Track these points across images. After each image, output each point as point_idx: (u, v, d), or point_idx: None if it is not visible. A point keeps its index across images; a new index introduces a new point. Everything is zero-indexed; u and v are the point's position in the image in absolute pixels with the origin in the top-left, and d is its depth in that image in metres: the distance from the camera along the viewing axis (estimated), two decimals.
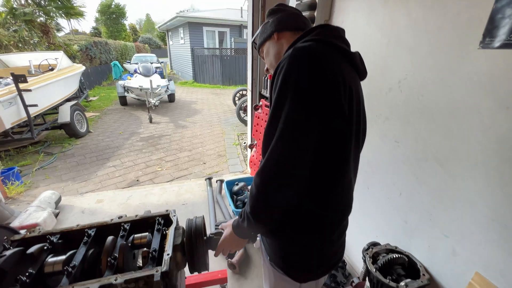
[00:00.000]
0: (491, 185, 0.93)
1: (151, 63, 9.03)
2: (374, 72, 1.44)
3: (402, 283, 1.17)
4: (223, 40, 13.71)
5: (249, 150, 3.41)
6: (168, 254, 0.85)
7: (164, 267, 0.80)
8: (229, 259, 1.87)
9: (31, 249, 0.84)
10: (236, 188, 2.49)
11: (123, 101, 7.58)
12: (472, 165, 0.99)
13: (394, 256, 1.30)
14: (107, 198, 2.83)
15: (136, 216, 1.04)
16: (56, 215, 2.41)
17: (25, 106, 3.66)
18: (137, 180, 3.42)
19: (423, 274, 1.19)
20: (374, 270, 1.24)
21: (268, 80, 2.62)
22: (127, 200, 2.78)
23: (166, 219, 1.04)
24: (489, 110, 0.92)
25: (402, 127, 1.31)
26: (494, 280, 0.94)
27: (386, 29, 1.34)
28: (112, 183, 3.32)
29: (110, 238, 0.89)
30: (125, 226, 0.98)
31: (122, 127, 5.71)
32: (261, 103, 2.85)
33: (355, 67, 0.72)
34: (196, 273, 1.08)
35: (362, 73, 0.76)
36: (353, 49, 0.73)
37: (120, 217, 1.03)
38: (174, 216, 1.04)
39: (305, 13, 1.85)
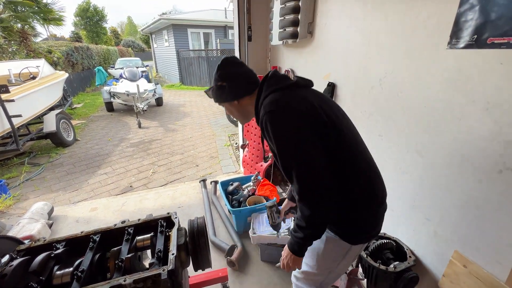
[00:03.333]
0: (464, 171, 1.03)
1: (137, 67, 8.88)
2: (358, 72, 1.54)
3: (391, 266, 1.27)
4: (209, 41, 13.66)
5: (241, 150, 3.46)
6: (173, 254, 0.90)
7: (170, 266, 0.85)
8: (228, 257, 1.92)
9: (38, 258, 0.87)
10: (231, 188, 2.54)
11: (109, 107, 7.43)
12: (448, 154, 1.09)
13: (383, 242, 1.40)
14: (101, 205, 2.81)
15: (139, 220, 1.08)
16: (50, 226, 2.38)
17: (9, 117, 3.55)
18: (131, 186, 3.40)
19: (410, 256, 1.29)
20: (365, 255, 1.33)
21: None
22: (122, 206, 2.78)
23: (168, 221, 1.09)
24: (459, 104, 1.02)
25: (385, 122, 1.41)
26: (471, 256, 1.05)
27: (366, 31, 1.43)
28: (105, 191, 3.29)
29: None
30: (129, 230, 1.02)
31: (110, 133, 5.62)
32: None
33: (308, 86, 0.91)
34: (199, 273, 1.13)
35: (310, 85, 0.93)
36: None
37: (123, 222, 1.06)
38: (176, 218, 1.09)
39: (289, 17, 1.92)
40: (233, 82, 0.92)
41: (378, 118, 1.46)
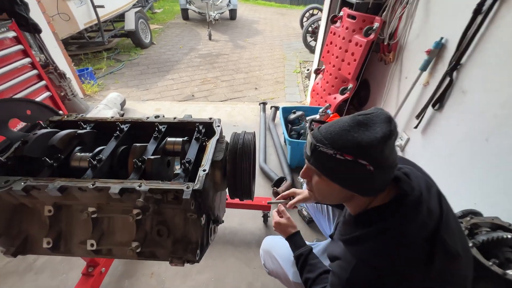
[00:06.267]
0: None
1: None
2: None
3: (511, 272, 0.82)
4: None
5: (312, 76, 2.90)
6: (204, 170, 0.65)
7: (197, 184, 0.61)
8: (275, 188, 1.74)
9: (61, 133, 0.74)
10: (292, 116, 2.18)
11: (185, 14, 7.25)
12: None
13: (506, 236, 0.92)
14: (164, 108, 2.90)
15: (174, 118, 0.84)
16: (122, 116, 2.57)
17: (94, 7, 3.69)
18: (193, 96, 3.39)
19: None
20: (471, 245, 0.90)
21: None
22: (182, 112, 2.79)
23: (208, 129, 0.83)
24: None
25: None
26: None
27: None
28: (170, 95, 3.37)
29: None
30: (161, 127, 0.80)
31: (182, 41, 5.57)
32: (342, 13, 2.17)
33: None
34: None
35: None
36: None
37: (157, 117, 0.85)
38: (218, 126, 0.81)
39: None
40: (379, 175, 0.54)
41: None
